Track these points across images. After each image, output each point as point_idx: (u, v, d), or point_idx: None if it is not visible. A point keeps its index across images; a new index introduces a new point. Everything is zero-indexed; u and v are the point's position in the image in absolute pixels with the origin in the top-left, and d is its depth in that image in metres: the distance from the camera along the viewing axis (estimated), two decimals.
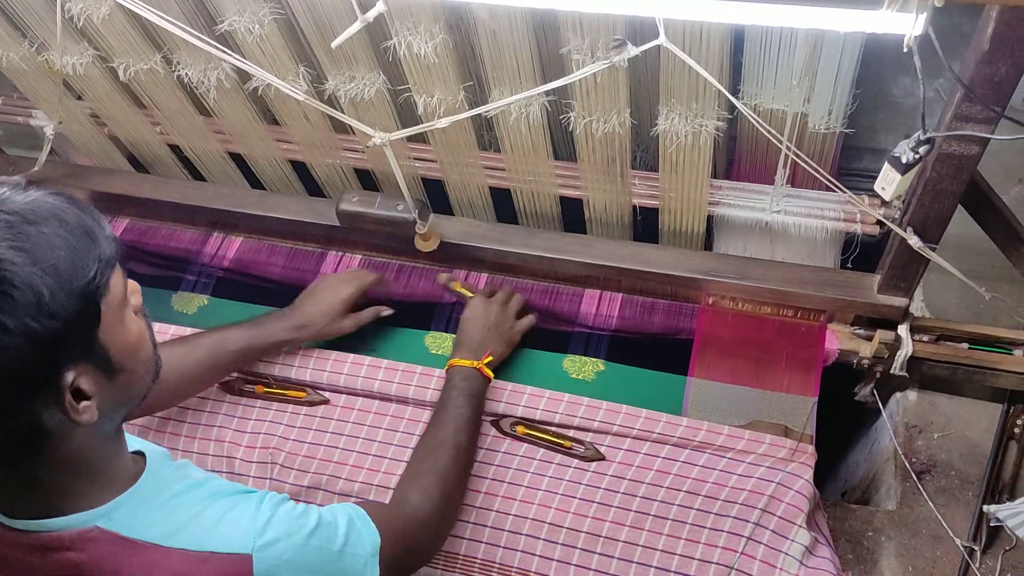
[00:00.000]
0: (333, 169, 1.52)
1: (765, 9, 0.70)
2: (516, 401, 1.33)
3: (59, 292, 0.67)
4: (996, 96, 0.93)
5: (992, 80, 0.92)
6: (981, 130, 0.94)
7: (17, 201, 0.68)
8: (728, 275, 1.32)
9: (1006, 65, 0.90)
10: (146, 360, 0.80)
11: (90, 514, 0.78)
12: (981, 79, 0.92)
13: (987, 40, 0.88)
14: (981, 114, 0.94)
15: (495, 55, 1.17)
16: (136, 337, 0.78)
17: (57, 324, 0.67)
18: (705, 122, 1.18)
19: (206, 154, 1.56)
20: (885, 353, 1.28)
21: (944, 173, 1.03)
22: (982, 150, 0.99)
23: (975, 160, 1.02)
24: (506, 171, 1.40)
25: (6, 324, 0.65)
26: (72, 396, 0.71)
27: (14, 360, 0.66)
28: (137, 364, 0.78)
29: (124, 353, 0.76)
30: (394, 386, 1.36)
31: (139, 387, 0.80)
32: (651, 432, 1.28)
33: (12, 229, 0.66)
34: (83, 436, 0.75)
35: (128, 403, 0.80)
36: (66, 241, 0.69)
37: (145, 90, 1.43)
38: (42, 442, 0.73)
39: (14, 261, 0.65)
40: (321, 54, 1.28)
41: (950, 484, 1.32)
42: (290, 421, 1.37)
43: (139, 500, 0.81)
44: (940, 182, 1.04)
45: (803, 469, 1.23)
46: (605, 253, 1.37)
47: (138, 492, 0.81)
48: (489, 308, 1.35)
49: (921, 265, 1.18)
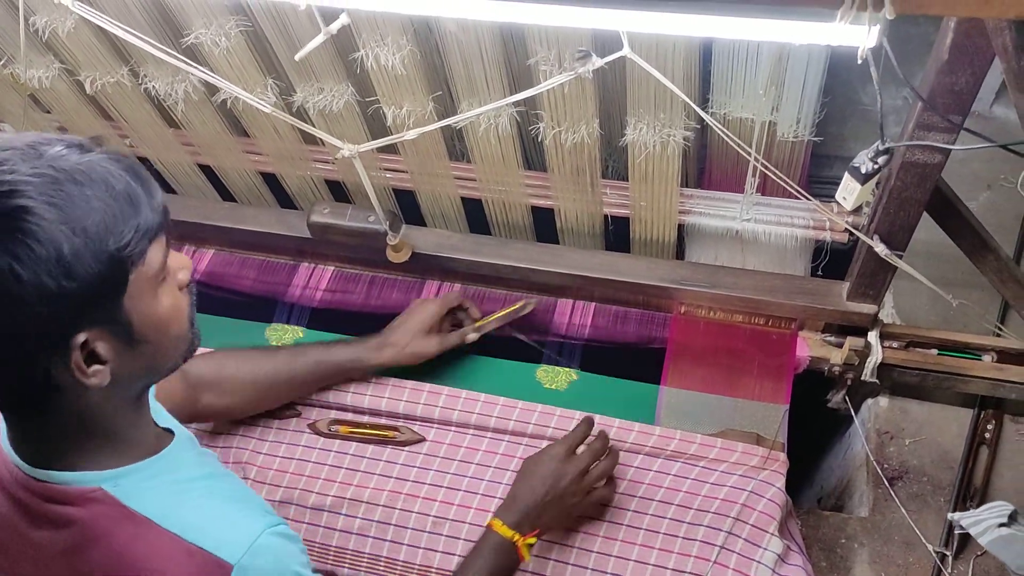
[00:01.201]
0: (304, 181, 1.51)
1: (722, 22, 0.70)
2: (489, 412, 1.32)
3: (84, 253, 0.67)
4: (957, 106, 0.94)
5: (952, 90, 0.93)
6: (943, 140, 0.95)
7: (71, 160, 0.69)
8: (699, 283, 1.32)
9: (966, 75, 0.91)
10: (176, 336, 0.80)
11: (97, 475, 0.78)
12: (942, 89, 0.93)
13: (946, 50, 0.89)
14: (942, 124, 0.95)
15: (464, 66, 1.17)
16: (167, 311, 0.77)
17: (74, 285, 0.67)
18: (673, 132, 1.19)
19: (176, 166, 1.55)
20: (855, 360, 1.29)
21: (908, 181, 1.04)
22: (945, 159, 1.00)
23: (939, 168, 1.02)
24: (477, 181, 1.40)
25: (20, 275, 0.66)
26: (86, 358, 0.71)
27: (24, 312, 0.67)
28: (164, 338, 0.78)
29: (149, 325, 0.75)
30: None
31: (164, 361, 0.80)
32: (624, 441, 1.28)
33: (55, 185, 0.67)
34: (97, 397, 0.76)
35: (151, 374, 0.81)
36: (105, 205, 0.69)
37: (112, 103, 1.42)
38: (56, 396, 0.74)
39: (44, 216, 0.66)
40: (289, 66, 1.28)
41: (922, 490, 1.33)
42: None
43: (151, 473, 0.81)
44: (905, 190, 1.05)
45: (775, 477, 1.24)
46: (577, 263, 1.38)
47: (153, 465, 0.82)
48: (564, 469, 1.13)
49: (889, 272, 1.18)
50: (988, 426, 1.35)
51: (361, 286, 1.49)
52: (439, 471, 1.30)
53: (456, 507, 1.26)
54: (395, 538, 1.26)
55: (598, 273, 1.36)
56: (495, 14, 0.79)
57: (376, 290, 1.48)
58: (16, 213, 0.66)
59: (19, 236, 0.65)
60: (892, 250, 1.12)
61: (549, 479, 1.12)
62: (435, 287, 1.48)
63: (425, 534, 1.25)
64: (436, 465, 1.31)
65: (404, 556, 1.24)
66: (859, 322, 1.27)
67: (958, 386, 1.30)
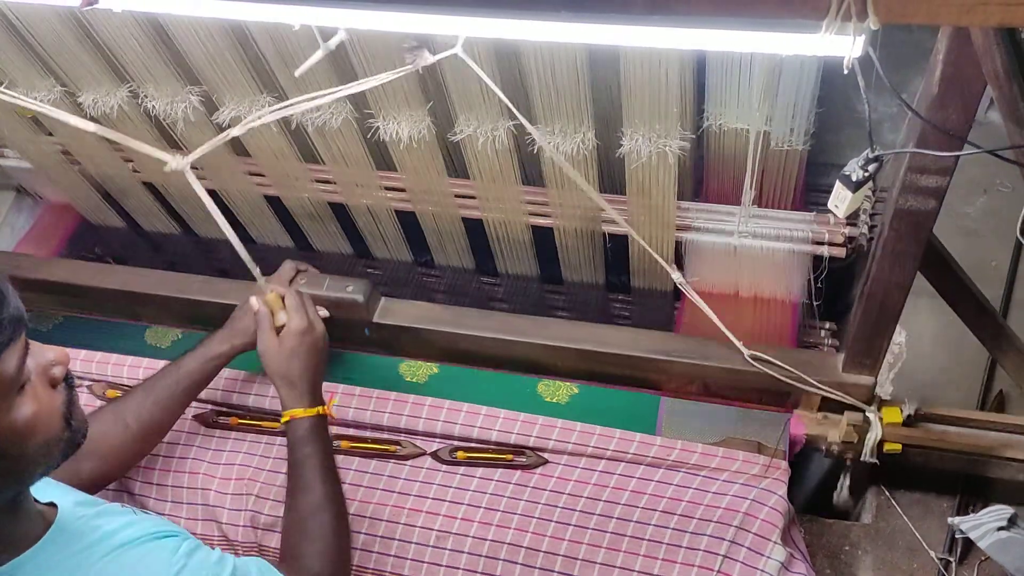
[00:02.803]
0: (304, 202, 1.52)
1: (708, 35, 0.71)
2: (490, 426, 1.32)
3: None
4: (949, 144, 0.90)
5: (944, 126, 0.90)
6: (935, 182, 0.94)
7: None
8: (689, 355, 1.29)
9: (956, 108, 0.88)
10: (44, 442, 0.74)
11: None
12: (933, 125, 0.91)
13: (936, 84, 0.87)
14: (934, 165, 0.94)
15: (461, 83, 1.19)
16: (27, 420, 0.71)
17: None
18: (668, 143, 1.20)
19: (177, 188, 1.57)
20: (854, 437, 1.27)
21: (902, 231, 1.02)
22: (938, 205, 0.98)
23: (932, 216, 1.00)
24: (477, 198, 1.41)
25: None
26: None
27: None
28: (24, 449, 0.72)
29: (8, 439, 0.70)
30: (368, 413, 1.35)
31: (33, 468, 0.74)
32: (625, 452, 1.28)
33: None
34: None
35: (19, 484, 0.75)
36: None
37: (113, 124, 1.44)
38: None
39: None
40: (287, 83, 1.29)
41: (924, 496, 1.33)
42: (265, 452, 1.36)
43: (43, 559, 0.77)
44: (899, 242, 1.03)
45: (777, 485, 1.24)
46: (560, 334, 1.34)
47: (41, 551, 0.77)
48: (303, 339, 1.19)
49: (886, 337, 1.16)
50: None
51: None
52: (441, 485, 1.30)
53: (459, 521, 1.26)
54: (399, 553, 1.26)
55: (583, 345, 1.33)
56: (486, 31, 0.81)
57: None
58: None
59: None
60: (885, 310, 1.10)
61: (303, 350, 1.18)
62: None
63: (429, 548, 1.25)
64: (438, 479, 1.31)
65: (408, 571, 1.25)
66: (856, 396, 1.24)
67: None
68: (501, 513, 1.26)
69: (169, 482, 1.35)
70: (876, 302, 1.14)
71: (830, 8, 0.64)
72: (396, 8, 0.75)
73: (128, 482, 1.35)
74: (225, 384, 1.39)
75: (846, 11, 0.64)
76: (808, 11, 0.65)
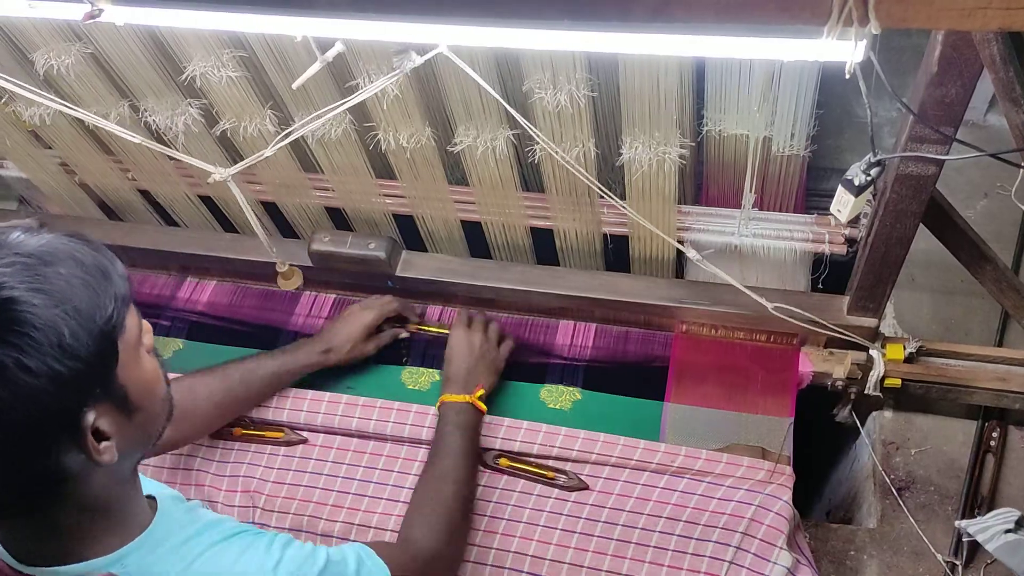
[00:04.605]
0: (302, 209, 1.52)
1: (709, 42, 0.71)
2: (494, 433, 1.32)
3: (80, 332, 0.67)
4: (948, 117, 0.95)
5: (943, 102, 0.93)
6: (935, 151, 0.96)
7: (32, 244, 0.69)
8: (699, 302, 1.33)
9: (955, 86, 0.92)
10: (162, 398, 0.80)
11: (105, 560, 0.77)
12: (932, 101, 0.93)
13: (935, 63, 0.90)
14: (934, 135, 0.96)
15: (459, 91, 1.19)
16: (152, 375, 0.77)
17: (79, 364, 0.67)
18: (668, 150, 1.20)
19: (176, 198, 1.57)
20: (858, 374, 1.29)
21: (904, 194, 1.05)
22: (939, 170, 1.01)
23: (933, 180, 1.03)
24: (476, 204, 1.41)
25: (29, 366, 0.65)
26: (92, 436, 0.70)
27: (38, 402, 0.66)
28: (154, 402, 0.78)
29: (142, 391, 0.75)
30: (372, 423, 1.35)
31: (156, 426, 0.80)
32: (630, 459, 1.28)
33: (30, 271, 0.67)
34: (103, 478, 0.75)
35: (145, 443, 0.80)
36: (84, 281, 0.69)
37: (113, 137, 1.44)
38: (64, 485, 0.73)
39: (34, 303, 0.65)
40: (286, 95, 1.29)
41: (929, 500, 1.32)
42: (268, 463, 1.35)
43: (152, 544, 0.80)
44: (900, 203, 1.06)
45: (782, 491, 1.23)
46: (577, 284, 1.38)
47: (151, 536, 0.80)
48: (472, 339, 1.35)
49: (888, 285, 1.19)
50: (993, 434, 1.35)
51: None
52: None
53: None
54: None
55: (598, 294, 1.36)
56: (490, 40, 0.81)
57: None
58: (5, 305, 0.65)
59: (15, 328, 0.65)
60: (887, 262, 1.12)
61: (466, 350, 1.33)
62: (437, 312, 1.49)
63: None
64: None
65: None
66: (861, 335, 1.27)
67: (962, 397, 1.30)
68: (506, 521, 1.25)
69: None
70: (879, 255, 1.16)
71: (831, 13, 0.65)
72: (395, 18, 0.75)
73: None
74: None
75: (847, 16, 0.64)
76: (809, 16, 0.65)
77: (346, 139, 1.32)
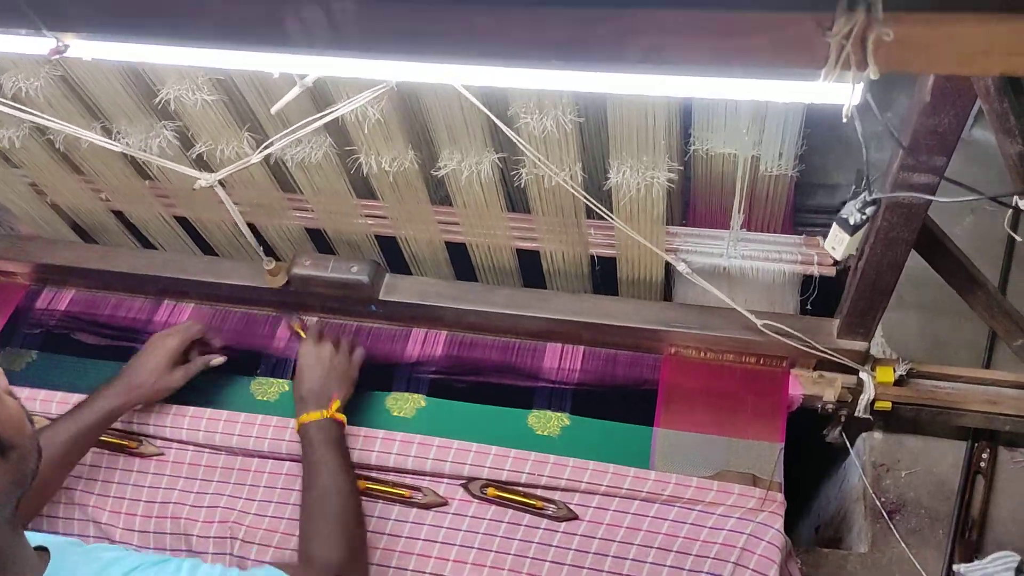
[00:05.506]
0: (282, 230, 1.49)
1: (703, 83, 0.69)
2: (482, 462, 1.29)
3: None
4: (940, 147, 0.93)
5: (936, 131, 0.92)
6: (927, 180, 0.94)
7: None
8: (689, 325, 1.31)
9: (948, 116, 0.90)
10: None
11: None
12: (924, 131, 0.92)
13: (928, 92, 0.88)
14: (926, 164, 0.94)
15: (443, 117, 1.16)
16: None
17: None
18: (656, 174, 1.18)
19: (152, 219, 1.53)
20: (848, 397, 1.28)
21: (895, 222, 1.03)
22: (930, 199, 0.99)
23: (925, 207, 1.01)
24: (461, 225, 1.38)
25: None
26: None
27: None
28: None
29: (12, 431, 0.75)
30: (217, 436, 1.35)
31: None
32: (619, 488, 1.26)
33: None
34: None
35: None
36: None
37: (84, 158, 1.40)
38: None
39: None
40: (264, 117, 1.26)
41: (920, 524, 1.31)
42: (250, 495, 1.32)
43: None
44: (892, 230, 1.04)
45: (773, 519, 1.22)
46: (564, 307, 1.36)
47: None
48: (321, 352, 1.31)
49: (880, 309, 1.17)
50: (983, 455, 1.34)
51: (346, 337, 1.46)
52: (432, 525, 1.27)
53: (434, 560, 1.24)
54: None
55: (586, 317, 1.34)
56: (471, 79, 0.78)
57: (362, 340, 1.45)
58: None
59: None
60: (878, 288, 1.11)
61: (317, 364, 1.29)
62: (422, 335, 1.46)
63: None
64: (428, 519, 1.28)
65: None
66: (851, 358, 1.26)
67: (952, 420, 1.29)
68: (495, 554, 1.23)
69: (152, 527, 1.32)
70: (869, 281, 1.14)
71: (829, 58, 0.63)
72: (381, 56, 0.72)
73: (96, 512, 1.33)
74: (207, 425, 1.36)
75: (845, 60, 0.62)
76: (806, 61, 0.63)
77: (327, 162, 1.29)
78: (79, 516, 1.35)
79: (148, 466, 1.37)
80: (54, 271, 1.54)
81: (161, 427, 1.38)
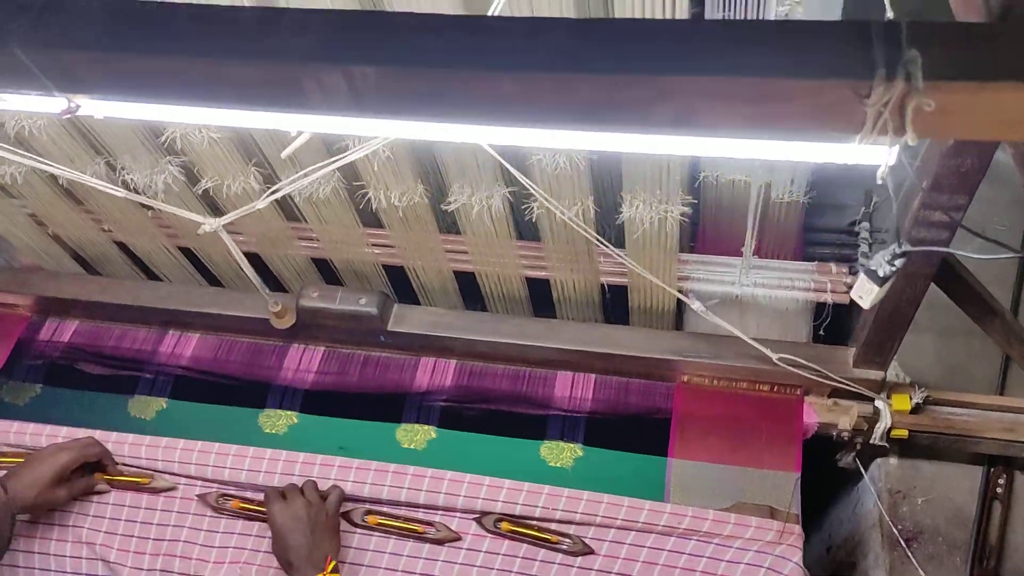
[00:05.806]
0: (288, 260, 1.47)
1: (735, 144, 0.67)
2: (495, 496, 1.28)
3: None
4: (963, 186, 0.92)
5: (959, 171, 0.91)
6: (949, 222, 0.93)
7: None
8: (700, 355, 1.30)
9: (972, 156, 0.89)
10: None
11: None
12: (947, 171, 0.91)
13: None
14: (948, 203, 0.93)
15: (453, 155, 1.15)
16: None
17: None
18: (670, 208, 1.16)
19: (156, 251, 1.51)
20: (864, 425, 1.27)
21: (915, 258, 1.02)
22: (952, 235, 0.98)
23: (946, 243, 1.00)
24: (470, 255, 1.37)
25: None
26: None
27: None
28: None
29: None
30: (226, 471, 1.34)
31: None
32: (635, 521, 1.25)
33: None
34: None
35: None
36: None
37: (88, 194, 1.38)
38: None
39: None
40: (271, 152, 1.24)
41: (938, 551, 1.31)
42: (255, 545, 1.30)
43: None
44: (911, 266, 1.03)
45: (792, 551, 1.21)
46: (575, 337, 1.34)
47: None
48: (296, 511, 1.21)
49: (896, 341, 1.16)
50: (999, 481, 1.33)
51: (354, 367, 1.44)
52: (446, 561, 1.26)
53: None
54: None
55: (597, 347, 1.33)
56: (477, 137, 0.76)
57: (371, 370, 1.43)
58: None
59: None
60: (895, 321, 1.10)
61: (294, 524, 1.20)
62: (431, 364, 1.44)
63: None
64: (442, 555, 1.27)
65: None
66: (867, 387, 1.25)
67: (969, 447, 1.29)
68: None
69: (159, 565, 1.31)
70: (887, 313, 1.13)
71: (864, 124, 0.61)
72: (400, 119, 0.70)
73: (104, 550, 1.32)
74: (216, 460, 1.35)
75: (882, 127, 0.61)
76: (843, 126, 0.62)
77: (335, 197, 1.27)
78: (87, 555, 1.33)
79: (156, 503, 1.35)
80: (56, 303, 1.52)
81: (170, 463, 1.36)
